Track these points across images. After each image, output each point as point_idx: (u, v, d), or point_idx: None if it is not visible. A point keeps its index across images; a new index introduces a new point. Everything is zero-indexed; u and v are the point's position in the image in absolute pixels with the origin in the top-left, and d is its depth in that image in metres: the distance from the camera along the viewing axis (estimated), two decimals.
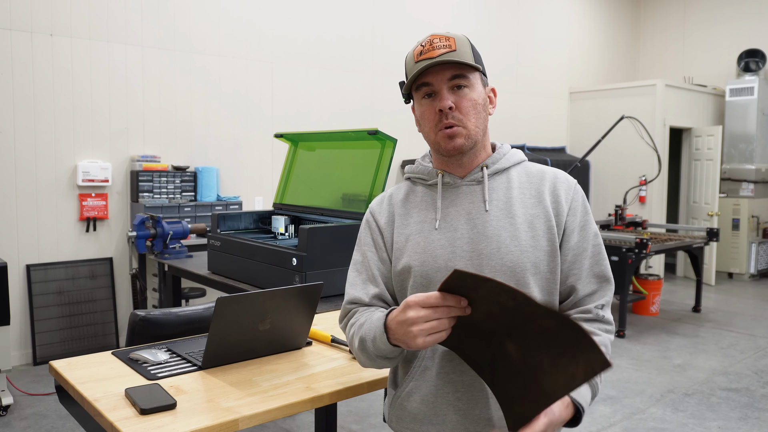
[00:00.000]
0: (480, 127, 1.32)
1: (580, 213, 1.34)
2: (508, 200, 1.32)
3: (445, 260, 1.29)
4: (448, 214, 1.33)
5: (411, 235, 1.35)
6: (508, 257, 1.27)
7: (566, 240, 1.32)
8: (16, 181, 4.30)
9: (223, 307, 1.54)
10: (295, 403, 1.41)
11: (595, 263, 1.33)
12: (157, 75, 4.86)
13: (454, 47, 1.28)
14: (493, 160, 1.36)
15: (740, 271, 7.81)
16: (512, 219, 1.30)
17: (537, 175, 1.37)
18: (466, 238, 1.30)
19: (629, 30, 9.28)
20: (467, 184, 1.35)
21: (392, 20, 6.34)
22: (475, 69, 1.30)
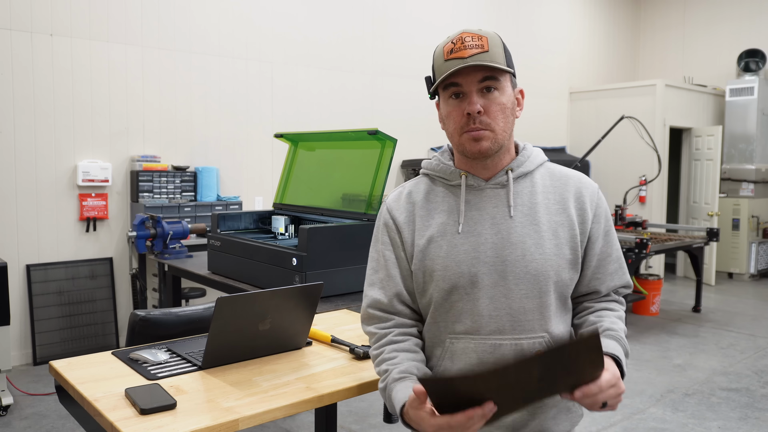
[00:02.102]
0: (507, 131, 1.30)
1: (604, 219, 1.36)
2: (532, 206, 1.30)
3: (468, 266, 1.27)
4: (472, 218, 1.30)
5: (433, 237, 1.31)
6: (532, 265, 1.26)
7: (591, 246, 1.34)
8: (16, 181, 4.30)
9: (223, 307, 1.54)
10: (295, 403, 1.41)
11: (619, 267, 1.38)
12: (157, 75, 4.86)
13: (487, 47, 1.24)
14: (518, 163, 1.34)
15: (740, 271, 7.81)
16: (537, 226, 1.28)
17: (561, 179, 1.36)
18: (490, 244, 1.28)
19: (629, 30, 9.28)
20: (492, 188, 1.32)
21: (392, 20, 6.34)
22: (507, 71, 1.27)
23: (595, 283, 1.36)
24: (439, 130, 6.78)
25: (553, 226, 1.29)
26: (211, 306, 2.00)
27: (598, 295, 1.38)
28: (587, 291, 1.37)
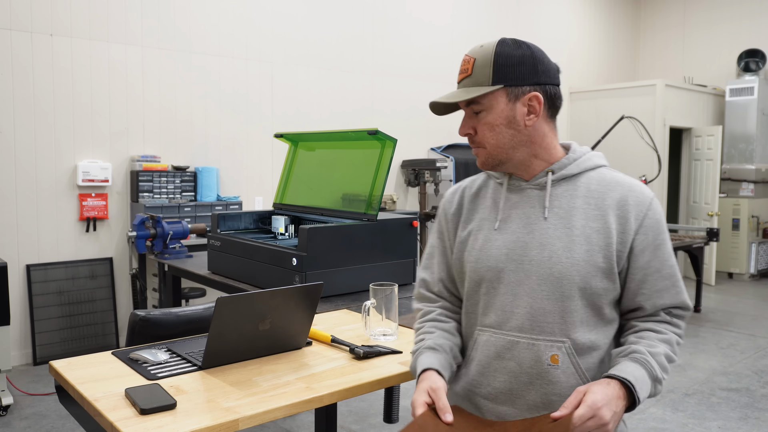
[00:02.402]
0: (504, 146, 1.31)
1: (653, 232, 1.29)
2: (569, 209, 1.30)
3: (496, 261, 1.32)
4: (509, 216, 1.34)
5: (473, 231, 1.39)
6: (557, 268, 1.27)
7: (634, 259, 1.28)
8: (16, 181, 4.30)
9: (223, 307, 1.54)
10: (295, 403, 1.41)
11: (671, 285, 1.30)
12: (157, 75, 4.86)
13: (470, 71, 1.31)
14: (560, 165, 1.33)
15: (740, 271, 7.81)
16: (569, 230, 1.28)
17: (608, 185, 1.31)
18: (520, 243, 1.31)
19: (629, 30, 9.28)
20: (531, 188, 1.34)
21: (392, 20, 6.34)
22: (488, 92, 1.29)
23: (639, 299, 1.30)
24: (439, 130, 6.79)
25: (588, 232, 1.27)
26: (211, 306, 2.00)
27: (643, 313, 1.31)
28: (632, 307, 1.32)
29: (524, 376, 1.29)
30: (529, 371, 1.29)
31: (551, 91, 1.32)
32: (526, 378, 1.29)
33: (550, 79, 1.31)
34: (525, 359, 1.29)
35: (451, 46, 6.87)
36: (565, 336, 1.27)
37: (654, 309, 1.30)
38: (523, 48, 1.29)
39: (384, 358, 1.69)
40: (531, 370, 1.29)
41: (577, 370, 1.28)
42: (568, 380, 1.27)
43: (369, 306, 1.85)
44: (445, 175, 6.27)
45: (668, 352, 1.27)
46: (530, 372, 1.29)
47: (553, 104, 1.33)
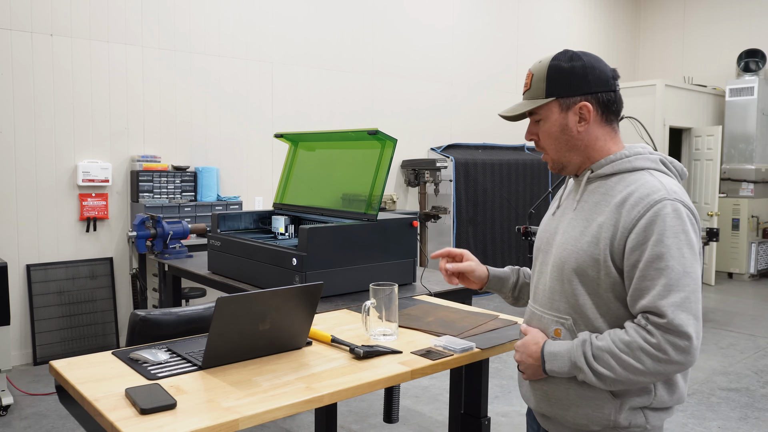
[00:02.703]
0: (561, 151, 1.45)
1: (647, 233, 1.28)
2: (593, 204, 1.41)
3: (540, 242, 1.54)
4: (562, 206, 1.53)
5: (545, 216, 1.60)
6: (563, 254, 1.41)
7: (626, 258, 1.32)
8: (16, 181, 4.30)
9: (223, 307, 1.54)
10: (295, 403, 1.41)
11: (652, 287, 1.27)
12: (157, 75, 4.86)
13: (529, 85, 1.45)
14: (597, 165, 1.44)
15: (740, 271, 7.81)
16: (586, 222, 1.40)
17: (627, 185, 1.36)
18: (555, 230, 1.49)
19: (629, 30, 9.28)
20: (578, 183, 1.49)
21: (392, 20, 6.34)
22: (543, 103, 1.42)
23: (629, 300, 1.32)
24: (439, 130, 6.79)
25: (593, 226, 1.38)
26: (211, 306, 2.00)
27: (633, 314, 1.33)
28: (630, 308, 1.34)
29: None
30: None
31: (604, 98, 1.41)
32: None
33: (602, 87, 1.41)
34: (538, 329, 1.47)
35: (451, 46, 6.87)
36: (568, 314, 1.40)
37: (634, 311, 1.31)
38: (575, 60, 1.41)
39: (384, 358, 1.69)
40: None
41: None
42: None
43: (369, 306, 1.85)
44: (445, 175, 6.27)
45: (616, 350, 1.27)
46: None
47: (608, 109, 1.42)
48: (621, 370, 1.27)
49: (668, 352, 1.24)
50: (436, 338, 1.85)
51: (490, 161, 6.68)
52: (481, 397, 2.06)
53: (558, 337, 1.40)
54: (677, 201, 1.30)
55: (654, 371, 1.26)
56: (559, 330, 1.41)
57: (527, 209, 6.77)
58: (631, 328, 1.29)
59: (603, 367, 1.29)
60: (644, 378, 1.28)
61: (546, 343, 1.39)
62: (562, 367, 1.34)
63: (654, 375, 1.27)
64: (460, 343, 1.78)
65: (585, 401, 1.37)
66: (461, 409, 2.13)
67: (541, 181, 7.18)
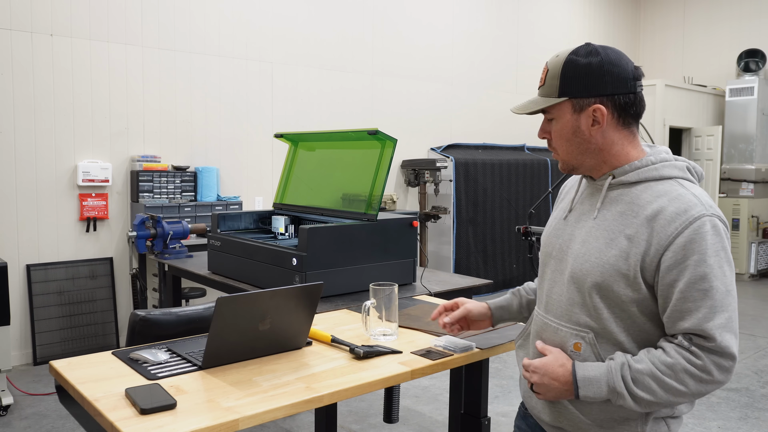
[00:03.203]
0: (573, 153, 1.37)
1: (686, 251, 1.21)
2: (616, 213, 1.31)
3: (551, 248, 1.44)
4: (576, 210, 1.43)
5: (553, 218, 1.52)
6: (585, 265, 1.32)
7: (662, 276, 1.24)
8: (16, 181, 4.31)
9: (223, 307, 1.54)
10: (295, 403, 1.41)
11: (695, 308, 1.21)
12: (157, 75, 4.86)
13: (544, 81, 1.37)
14: (621, 171, 1.34)
15: (740, 271, 7.81)
16: (608, 232, 1.30)
17: (657, 196, 1.28)
18: (570, 236, 1.40)
19: (629, 30, 9.28)
20: (595, 188, 1.40)
21: (392, 21, 6.34)
22: (556, 102, 1.35)
23: (666, 320, 1.26)
24: (439, 131, 6.79)
25: (620, 238, 1.28)
26: (211, 306, 2.00)
27: (667, 332, 1.27)
28: (665, 327, 1.28)
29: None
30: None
31: (621, 101, 1.32)
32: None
33: (620, 88, 1.31)
34: (552, 343, 1.38)
35: (451, 46, 6.87)
36: (589, 328, 1.32)
37: (674, 331, 1.25)
38: (593, 56, 1.31)
39: (384, 358, 1.69)
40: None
41: (599, 361, 1.31)
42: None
43: (369, 306, 1.85)
44: (445, 175, 6.27)
45: (658, 373, 1.22)
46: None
47: (626, 112, 1.33)
48: (662, 393, 1.22)
49: (713, 373, 1.21)
50: (436, 338, 1.85)
51: (490, 161, 6.68)
52: (481, 397, 2.06)
53: (578, 351, 1.32)
54: (715, 216, 1.24)
55: (696, 392, 1.23)
56: (579, 344, 1.32)
57: (527, 209, 6.77)
58: (672, 349, 1.23)
59: (643, 392, 1.23)
60: (684, 399, 1.24)
61: (577, 367, 1.28)
62: (599, 393, 1.25)
63: (694, 395, 1.24)
64: (460, 343, 1.78)
65: (610, 414, 1.32)
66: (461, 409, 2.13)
67: (541, 181, 7.18)
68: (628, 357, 1.26)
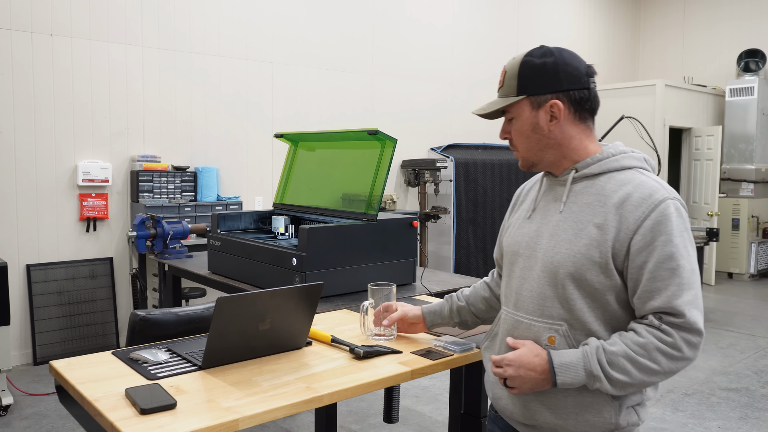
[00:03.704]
0: (533, 149, 1.42)
1: (653, 233, 1.27)
2: (581, 206, 1.37)
3: (518, 247, 1.47)
4: (540, 207, 1.47)
5: (516, 219, 1.54)
6: (557, 257, 1.35)
7: (631, 260, 1.29)
8: (16, 181, 4.30)
9: (223, 307, 1.54)
10: (295, 403, 1.41)
11: (663, 287, 1.26)
12: (157, 75, 4.86)
13: (502, 82, 1.43)
14: (584, 164, 1.40)
15: (740, 271, 7.81)
16: (576, 224, 1.35)
17: (621, 185, 1.34)
18: (538, 233, 1.43)
19: (629, 30, 9.28)
20: (558, 184, 1.44)
21: (392, 21, 6.34)
22: (513, 102, 1.40)
23: (636, 302, 1.30)
24: (439, 130, 6.79)
25: (590, 228, 1.33)
26: (211, 306, 2.00)
27: (637, 314, 1.31)
28: (635, 309, 1.32)
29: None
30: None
31: (576, 96, 1.38)
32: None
33: (574, 84, 1.37)
34: (525, 339, 1.39)
35: (451, 46, 6.87)
36: (563, 320, 1.35)
37: (644, 311, 1.29)
38: (547, 56, 1.37)
39: (384, 358, 1.69)
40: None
41: None
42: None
43: (367, 306, 1.85)
44: (445, 175, 6.27)
45: (632, 354, 1.26)
46: None
47: (581, 107, 1.39)
48: (637, 373, 1.26)
49: (683, 350, 1.25)
50: (436, 338, 1.85)
51: (490, 161, 6.68)
52: (481, 397, 2.06)
53: (553, 344, 1.35)
54: (677, 200, 1.32)
55: (667, 370, 1.27)
56: (554, 337, 1.35)
57: None
58: (643, 329, 1.27)
59: (619, 373, 1.26)
60: (657, 378, 1.28)
61: (552, 354, 1.31)
62: (576, 378, 1.28)
63: (666, 374, 1.27)
64: (460, 343, 1.78)
65: (584, 408, 1.34)
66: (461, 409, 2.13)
67: None
68: (602, 341, 1.30)
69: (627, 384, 1.27)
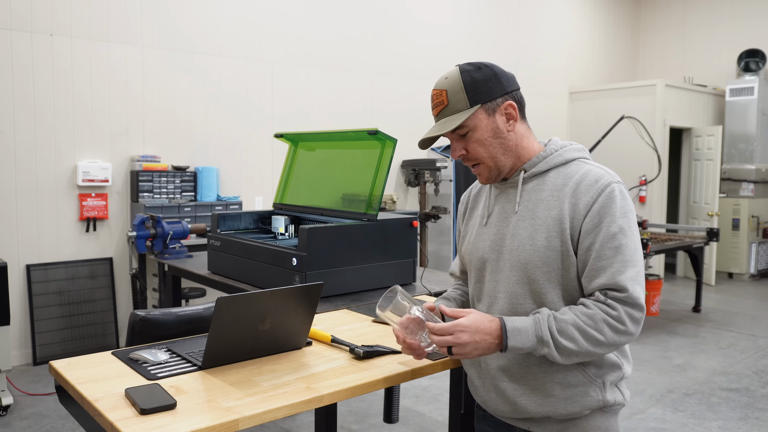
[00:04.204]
0: (497, 154, 1.44)
1: (600, 216, 1.35)
2: (536, 202, 1.42)
3: (483, 252, 1.50)
4: (494, 212, 1.50)
5: (471, 227, 1.57)
6: (522, 255, 1.40)
7: (581, 241, 1.37)
8: (16, 181, 4.30)
9: (223, 307, 1.54)
10: (295, 403, 1.41)
11: (608, 265, 1.33)
12: (157, 75, 4.86)
13: (446, 101, 1.42)
14: (531, 164, 1.46)
15: (740, 271, 7.81)
16: (533, 220, 1.41)
17: (570, 176, 1.42)
18: (500, 235, 1.47)
19: (629, 30, 9.28)
20: (509, 186, 1.49)
21: (392, 20, 6.34)
22: (466, 117, 1.40)
23: (584, 280, 1.38)
24: None
25: (548, 221, 1.39)
26: (211, 306, 2.00)
27: (587, 293, 1.38)
28: (584, 288, 1.39)
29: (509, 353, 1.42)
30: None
31: (518, 95, 1.46)
32: (510, 354, 1.43)
33: (513, 86, 1.45)
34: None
35: (451, 46, 6.87)
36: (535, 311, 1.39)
37: (591, 289, 1.36)
38: (483, 68, 1.43)
39: (384, 358, 1.69)
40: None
41: None
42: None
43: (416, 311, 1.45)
44: (445, 175, 6.27)
45: (581, 323, 1.31)
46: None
47: (522, 106, 1.48)
48: (583, 342, 1.31)
49: (626, 323, 1.31)
50: None
51: None
52: None
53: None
54: (621, 183, 1.39)
55: (611, 342, 1.32)
56: None
57: None
58: (591, 303, 1.34)
59: (567, 341, 1.31)
60: (601, 350, 1.33)
61: (505, 320, 1.35)
62: (526, 343, 1.33)
63: (609, 347, 1.33)
64: None
65: (570, 390, 1.40)
66: (461, 409, 2.13)
67: None
68: (552, 311, 1.36)
69: (573, 352, 1.32)
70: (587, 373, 1.41)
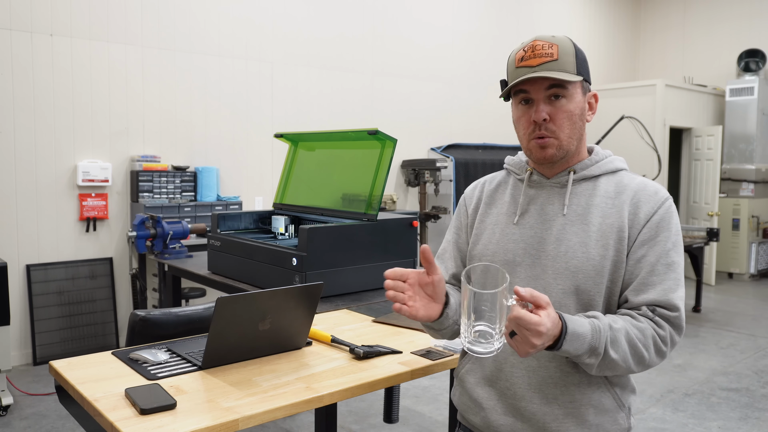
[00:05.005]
0: (574, 137, 1.32)
1: (657, 229, 1.28)
2: (587, 207, 1.31)
3: (513, 255, 1.34)
4: (528, 211, 1.36)
5: (490, 224, 1.41)
6: (573, 262, 1.27)
7: (633, 252, 1.27)
8: (16, 181, 4.30)
9: (223, 307, 1.54)
10: (295, 403, 1.41)
11: (659, 281, 1.25)
12: (157, 75, 4.86)
13: (556, 56, 1.27)
14: (582, 166, 1.35)
15: (740, 271, 7.81)
16: (586, 226, 1.29)
17: (626, 185, 1.33)
18: (537, 238, 1.33)
19: (629, 30, 9.28)
20: (552, 185, 1.36)
21: (392, 20, 6.34)
22: (575, 81, 1.29)
23: (629, 292, 1.27)
24: (438, 130, 6.78)
25: (603, 229, 1.29)
26: (211, 306, 2.00)
27: (629, 305, 1.27)
28: (623, 299, 1.29)
29: (542, 370, 1.29)
30: (547, 365, 1.29)
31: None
32: (544, 372, 1.29)
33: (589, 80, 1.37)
34: (543, 354, 1.28)
35: (451, 46, 6.87)
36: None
37: (638, 302, 1.26)
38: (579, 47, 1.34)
39: (384, 358, 1.69)
40: (549, 363, 1.29)
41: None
42: (589, 375, 1.28)
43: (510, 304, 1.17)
44: (445, 175, 6.27)
45: (632, 336, 1.20)
46: (548, 365, 1.29)
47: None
48: (629, 357, 1.21)
49: (668, 345, 1.24)
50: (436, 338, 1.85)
51: (491, 161, 6.68)
52: None
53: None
54: (672, 199, 1.34)
55: (650, 363, 1.24)
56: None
57: None
58: (639, 316, 1.24)
59: (615, 352, 1.19)
60: (638, 369, 1.23)
61: (567, 322, 1.15)
62: (579, 350, 1.16)
63: (645, 367, 1.24)
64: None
65: (602, 416, 1.30)
66: None
67: None
68: (608, 316, 1.22)
69: (613, 366, 1.20)
70: (617, 397, 1.32)
